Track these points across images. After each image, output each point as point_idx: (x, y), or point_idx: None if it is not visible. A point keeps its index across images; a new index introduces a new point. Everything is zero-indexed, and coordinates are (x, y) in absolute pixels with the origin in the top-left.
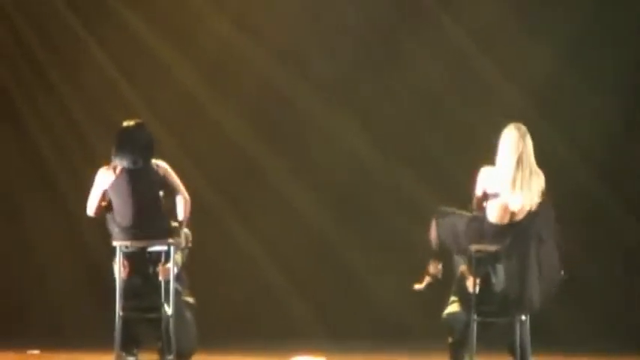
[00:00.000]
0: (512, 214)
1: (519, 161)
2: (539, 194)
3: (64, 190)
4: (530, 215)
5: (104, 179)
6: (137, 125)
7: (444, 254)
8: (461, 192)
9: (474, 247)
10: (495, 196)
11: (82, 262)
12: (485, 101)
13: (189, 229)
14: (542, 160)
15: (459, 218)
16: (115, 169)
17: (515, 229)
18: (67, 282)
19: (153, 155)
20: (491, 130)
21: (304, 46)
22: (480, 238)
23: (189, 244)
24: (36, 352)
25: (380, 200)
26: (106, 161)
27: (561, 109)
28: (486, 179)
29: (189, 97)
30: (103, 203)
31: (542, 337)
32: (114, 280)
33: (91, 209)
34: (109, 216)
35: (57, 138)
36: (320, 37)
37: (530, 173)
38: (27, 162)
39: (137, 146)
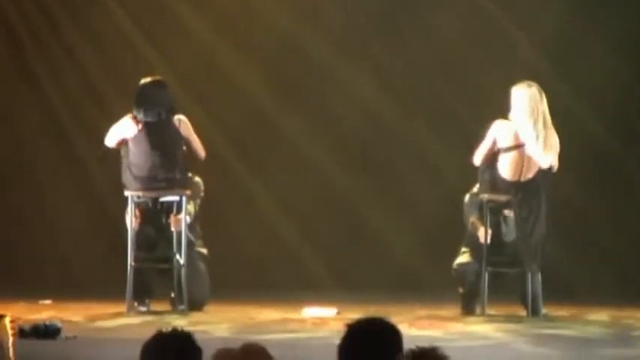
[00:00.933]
0: (525, 170)
1: (544, 121)
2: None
3: (77, 143)
4: (541, 173)
5: (128, 128)
6: (160, 82)
7: None
8: (475, 144)
9: (485, 197)
10: (509, 149)
11: (94, 213)
12: (500, 54)
13: (201, 179)
14: (555, 115)
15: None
16: (137, 122)
17: (526, 185)
18: (79, 232)
19: (175, 113)
20: (506, 84)
21: (320, 1)
22: (492, 189)
23: (201, 194)
24: (48, 301)
25: (395, 153)
26: (132, 114)
27: (574, 64)
28: (500, 132)
29: (206, 51)
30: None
31: (554, 287)
32: (126, 231)
33: (111, 142)
34: (124, 165)
35: (71, 93)
36: None
37: (551, 131)
38: (40, 116)
39: (161, 101)
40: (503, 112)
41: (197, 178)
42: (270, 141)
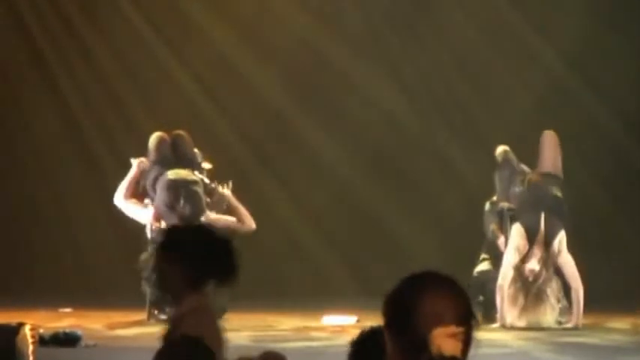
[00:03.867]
0: None
1: None
2: None
3: (99, 152)
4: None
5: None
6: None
7: None
8: (494, 148)
9: (505, 205)
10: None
11: (115, 220)
12: (519, 57)
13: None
14: (573, 118)
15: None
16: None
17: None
18: (100, 240)
19: (199, 163)
20: (524, 86)
21: (337, 3)
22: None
23: (224, 206)
24: (68, 310)
25: (414, 157)
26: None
27: (595, 68)
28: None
29: (224, 56)
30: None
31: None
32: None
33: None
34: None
35: (89, 97)
36: None
37: None
38: (60, 123)
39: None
40: (520, 115)
41: (226, 190)
42: (290, 147)
